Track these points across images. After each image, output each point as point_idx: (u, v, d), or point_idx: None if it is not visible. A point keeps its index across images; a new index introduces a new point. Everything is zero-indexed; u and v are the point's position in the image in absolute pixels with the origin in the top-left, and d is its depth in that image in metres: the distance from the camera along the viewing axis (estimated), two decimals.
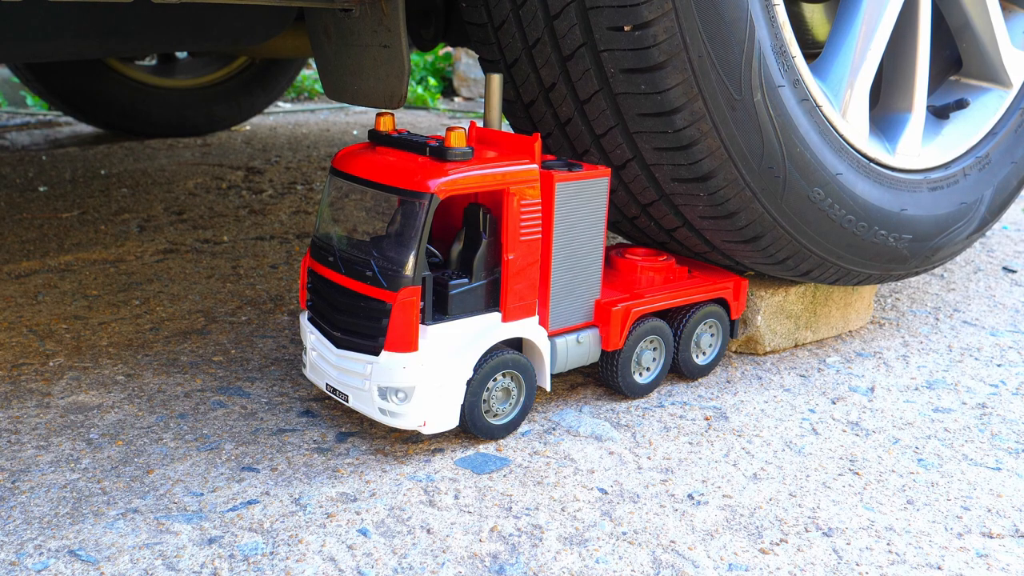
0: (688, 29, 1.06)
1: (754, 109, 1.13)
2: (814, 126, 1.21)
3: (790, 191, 1.20)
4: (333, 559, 0.86)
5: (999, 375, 1.34)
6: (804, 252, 1.27)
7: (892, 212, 1.32)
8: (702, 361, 1.27)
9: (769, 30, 1.13)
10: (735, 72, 1.11)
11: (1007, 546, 0.91)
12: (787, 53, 1.17)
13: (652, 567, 0.86)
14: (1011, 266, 1.91)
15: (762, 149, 1.16)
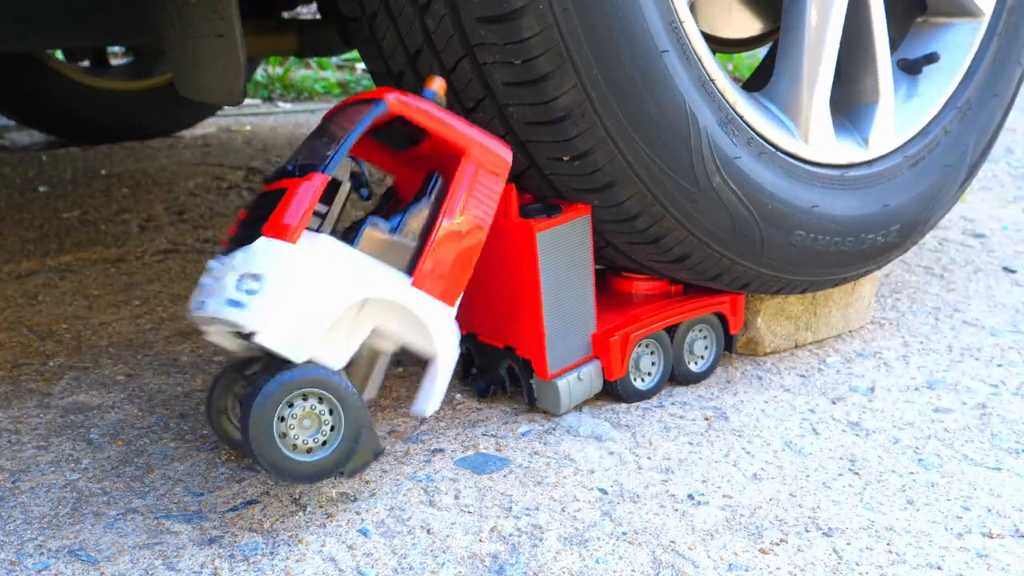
0: (631, 150, 1.04)
1: (716, 193, 1.11)
2: (780, 172, 1.19)
3: (770, 246, 1.19)
4: (333, 559, 0.86)
5: (999, 375, 1.34)
6: (795, 283, 1.27)
7: (875, 213, 1.30)
8: (697, 368, 1.27)
9: (711, 107, 1.10)
10: (687, 171, 1.08)
11: (1007, 546, 0.91)
12: (735, 120, 1.13)
13: (652, 567, 0.86)
14: (1011, 266, 1.91)
15: (733, 224, 1.14)
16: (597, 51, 0.99)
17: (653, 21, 1.02)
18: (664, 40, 1.03)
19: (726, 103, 1.12)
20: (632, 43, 1.01)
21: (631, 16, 1.00)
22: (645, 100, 1.03)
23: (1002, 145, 3.76)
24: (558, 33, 0.97)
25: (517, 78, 1.00)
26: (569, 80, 0.99)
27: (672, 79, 1.05)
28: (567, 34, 0.97)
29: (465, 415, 1.16)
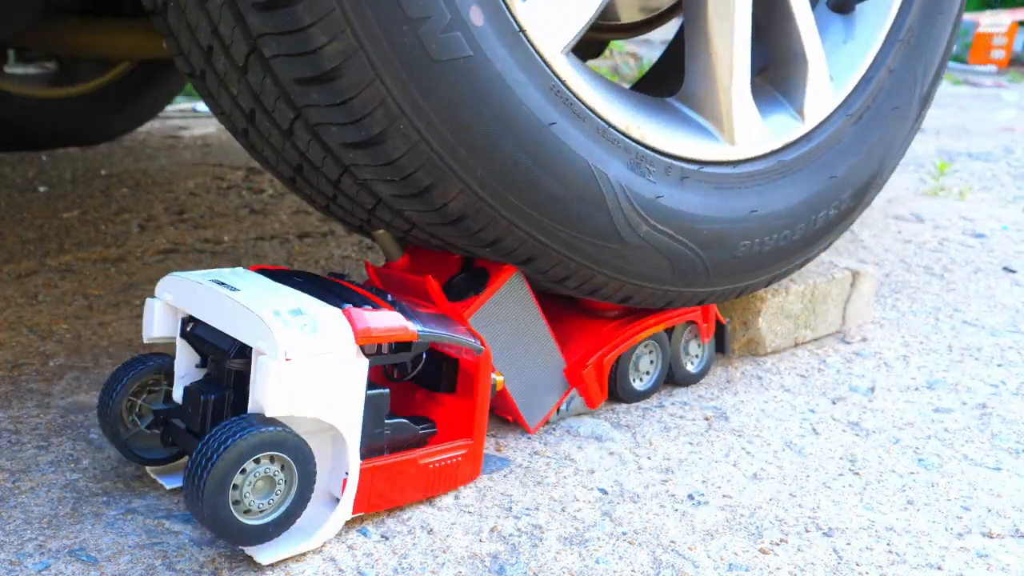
0: (543, 231, 0.99)
1: (645, 241, 1.06)
2: (710, 190, 1.11)
3: (717, 268, 1.15)
4: (333, 559, 0.86)
5: (999, 375, 1.34)
6: (755, 284, 1.24)
7: (822, 189, 1.22)
8: (693, 369, 1.26)
9: (617, 155, 1.02)
10: (610, 232, 1.03)
11: (1007, 546, 0.91)
12: (647, 156, 1.05)
13: (652, 567, 0.86)
14: (1011, 266, 1.91)
15: (671, 264, 1.10)
16: (476, 151, 0.91)
17: (531, 97, 0.93)
18: (549, 111, 0.95)
19: (633, 142, 1.04)
20: (514, 130, 0.92)
21: (506, 103, 0.91)
22: (544, 181, 0.96)
23: (1002, 145, 3.76)
24: (428, 148, 0.89)
25: (402, 192, 0.94)
26: (453, 187, 0.92)
27: (567, 147, 0.97)
28: (437, 145, 0.89)
29: None
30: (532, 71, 0.94)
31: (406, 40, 0.84)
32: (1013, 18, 9.28)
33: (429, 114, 0.88)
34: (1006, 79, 7.97)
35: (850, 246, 2.01)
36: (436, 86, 0.87)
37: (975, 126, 4.45)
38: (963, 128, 4.34)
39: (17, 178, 2.49)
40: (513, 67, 0.92)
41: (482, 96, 0.90)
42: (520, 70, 0.92)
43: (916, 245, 2.05)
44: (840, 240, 2.06)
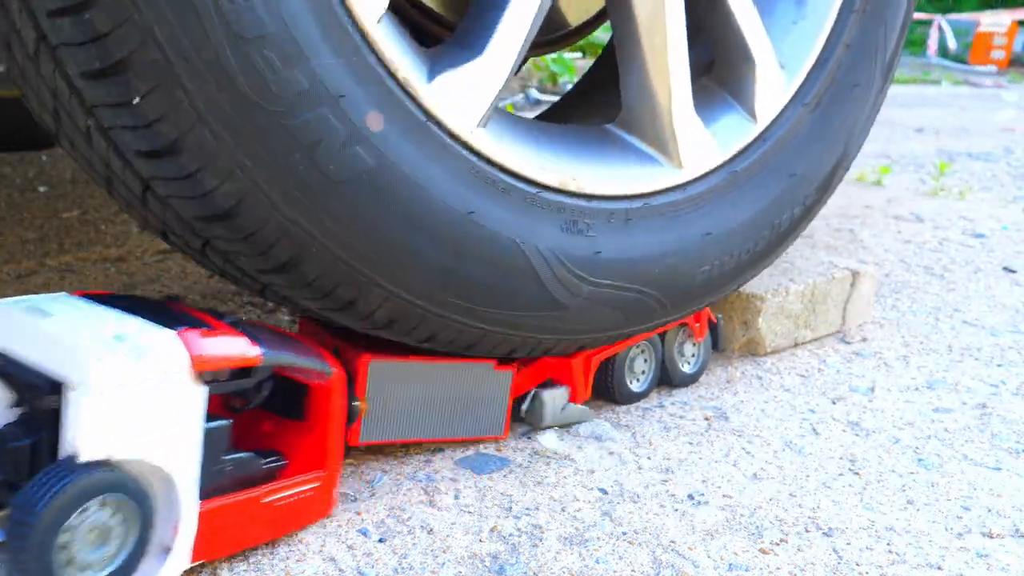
0: (478, 317, 0.95)
1: (589, 300, 1.01)
2: (661, 224, 1.05)
3: (676, 300, 1.10)
4: (333, 559, 0.86)
5: (999, 375, 1.34)
6: (720, 295, 1.18)
7: (783, 191, 1.14)
8: (689, 370, 1.26)
9: (549, 220, 0.96)
10: (549, 302, 0.98)
11: (1007, 546, 0.91)
12: (584, 209, 0.99)
13: (652, 567, 0.86)
14: (1011, 266, 1.91)
15: (624, 313, 1.05)
16: (394, 260, 0.87)
17: (447, 191, 0.88)
18: (468, 199, 0.89)
19: (569, 198, 0.98)
20: (431, 231, 0.88)
21: (418, 205, 0.86)
22: (471, 270, 0.92)
23: (1002, 145, 3.76)
24: (345, 265, 0.86)
25: (329, 306, 0.90)
26: (377, 296, 0.89)
27: (490, 231, 0.91)
28: (355, 261, 0.85)
29: None
30: (446, 160, 0.88)
31: (302, 168, 0.79)
32: (1013, 18, 9.27)
33: (340, 234, 0.83)
34: (1006, 79, 7.97)
35: (850, 246, 2.01)
36: (342, 206, 0.82)
37: (975, 126, 4.44)
38: (963, 128, 4.34)
39: (17, 178, 2.49)
40: (423, 163, 0.86)
41: (392, 205, 0.85)
42: (432, 163, 0.87)
43: (916, 245, 2.05)
44: (840, 240, 2.06)
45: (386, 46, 0.83)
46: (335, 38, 0.79)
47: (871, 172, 2.91)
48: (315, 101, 0.78)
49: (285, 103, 0.77)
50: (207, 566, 0.84)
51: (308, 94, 0.78)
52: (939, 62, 9.41)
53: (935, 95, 6.16)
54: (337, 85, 0.79)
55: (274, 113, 0.77)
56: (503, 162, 0.93)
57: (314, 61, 0.77)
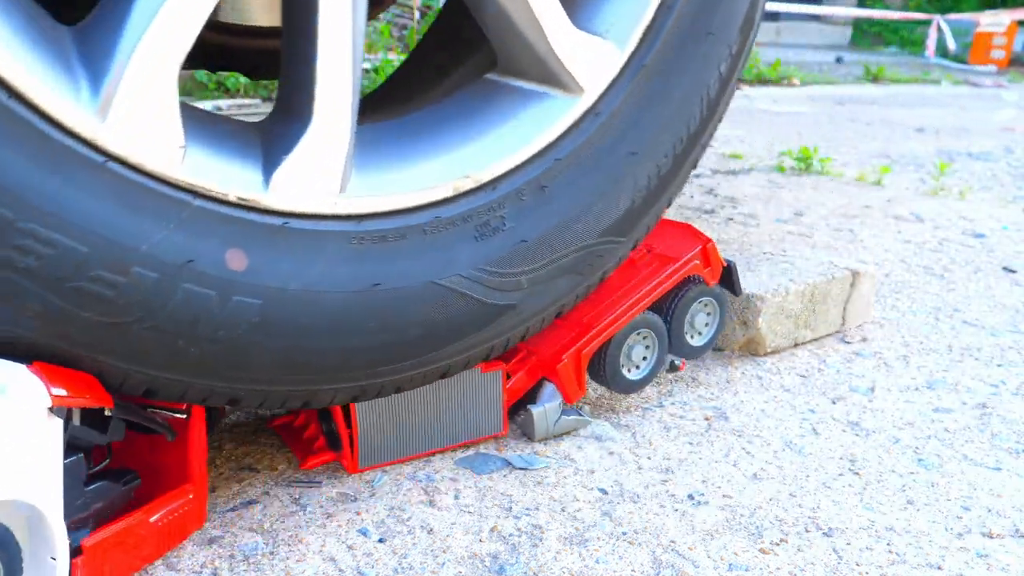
0: (443, 356, 0.93)
1: (534, 285, 0.96)
2: (585, 169, 0.96)
3: (625, 247, 1.04)
4: (333, 559, 0.86)
5: (999, 375, 1.34)
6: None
7: (700, 69, 1.02)
8: (694, 342, 1.21)
9: (469, 233, 0.91)
10: (491, 311, 0.93)
11: (1007, 546, 0.91)
12: (492, 218, 0.93)
13: (652, 567, 0.86)
14: (1011, 266, 1.91)
15: (570, 286, 1.00)
16: (313, 371, 0.86)
17: (340, 280, 0.84)
18: (359, 276, 0.85)
19: (471, 205, 0.92)
20: (349, 326, 0.85)
21: (326, 312, 0.84)
22: (409, 333, 0.89)
23: (1002, 145, 3.76)
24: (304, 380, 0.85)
25: None
26: (338, 394, 0.90)
27: (404, 291, 0.87)
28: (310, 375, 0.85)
29: None
30: (325, 251, 0.84)
31: (203, 343, 0.78)
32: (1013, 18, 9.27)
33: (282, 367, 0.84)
34: (1006, 79, 7.97)
35: (850, 246, 2.01)
36: (262, 359, 0.83)
37: (975, 126, 4.44)
38: (963, 128, 4.34)
39: None
40: (302, 268, 0.82)
41: (293, 330, 0.83)
42: (312, 263, 0.83)
43: (916, 245, 2.05)
44: (840, 240, 2.06)
45: (203, 180, 0.76)
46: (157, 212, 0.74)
47: (871, 172, 2.91)
48: (175, 280, 0.75)
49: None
50: (207, 566, 0.84)
51: (157, 282, 0.74)
52: (939, 62, 9.41)
53: (935, 95, 6.16)
54: (181, 252, 0.75)
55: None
56: (386, 208, 0.87)
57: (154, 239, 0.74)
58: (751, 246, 1.99)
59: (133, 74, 0.71)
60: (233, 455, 1.04)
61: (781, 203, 2.44)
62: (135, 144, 0.72)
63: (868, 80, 7.04)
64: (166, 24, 0.71)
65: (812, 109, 4.91)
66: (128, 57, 0.71)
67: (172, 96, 0.73)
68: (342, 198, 0.84)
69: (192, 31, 0.73)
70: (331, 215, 0.84)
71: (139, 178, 0.73)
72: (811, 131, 4.00)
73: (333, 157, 0.83)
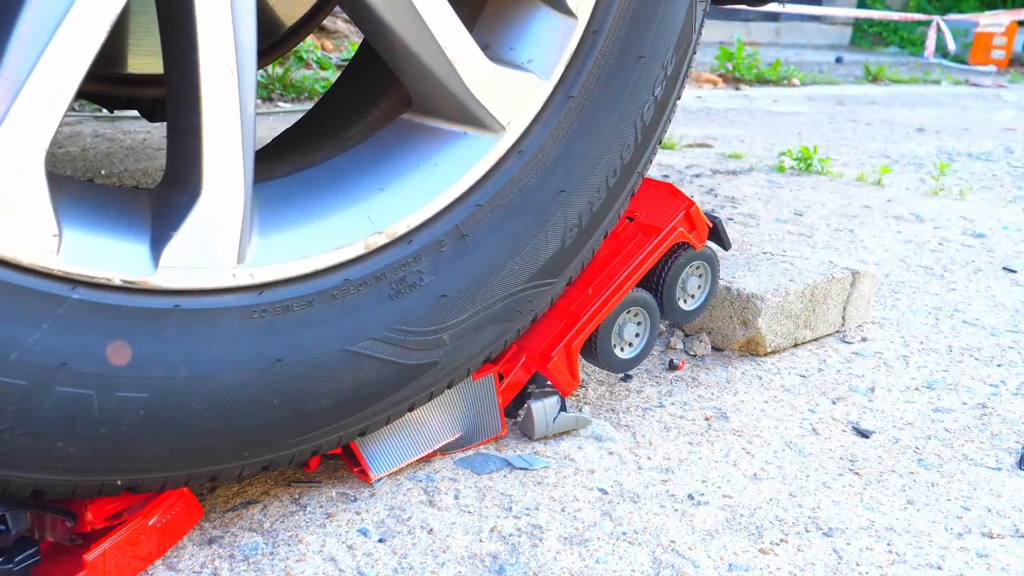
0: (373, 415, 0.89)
1: (458, 339, 0.91)
2: (509, 212, 0.91)
3: (560, 286, 1.01)
4: (333, 559, 0.86)
5: (999, 375, 1.34)
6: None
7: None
8: (687, 307, 1.19)
9: (383, 292, 0.86)
10: (411, 371, 0.89)
11: (1007, 546, 0.91)
12: (411, 263, 0.87)
13: (652, 567, 0.86)
14: (1011, 266, 1.91)
15: (498, 333, 0.96)
16: (252, 443, 0.82)
17: (241, 359, 0.79)
18: (263, 351, 0.80)
19: (379, 263, 0.86)
20: (254, 405, 0.80)
21: (225, 396, 0.79)
22: (320, 403, 0.85)
23: (1002, 145, 3.76)
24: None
25: None
26: (271, 461, 0.86)
27: (310, 361, 0.82)
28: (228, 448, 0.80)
29: None
30: (226, 329, 0.78)
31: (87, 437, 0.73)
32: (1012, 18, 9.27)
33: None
34: (1006, 79, 7.97)
35: (850, 246, 2.01)
36: (159, 444, 0.78)
37: (975, 126, 4.45)
38: (963, 128, 4.34)
39: None
40: (205, 349, 0.77)
41: (200, 414, 0.78)
42: (211, 343, 0.77)
43: (916, 245, 2.05)
44: (840, 240, 2.06)
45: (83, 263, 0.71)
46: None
47: (871, 172, 2.91)
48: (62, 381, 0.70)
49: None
50: (207, 566, 0.84)
51: (27, 390, 0.69)
52: (939, 62, 9.41)
53: (935, 95, 6.16)
54: (55, 355, 0.69)
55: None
56: (290, 274, 0.81)
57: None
58: (751, 246, 1.99)
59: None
60: None
61: (781, 203, 2.44)
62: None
63: (868, 80, 7.04)
64: (24, 111, 0.65)
65: (812, 109, 4.91)
66: None
67: (38, 182, 0.66)
68: (241, 269, 0.77)
69: (56, 115, 0.67)
70: (228, 288, 0.77)
71: (6, 276, 0.66)
72: (811, 131, 4.00)
73: (228, 227, 0.76)
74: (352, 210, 0.85)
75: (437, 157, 0.89)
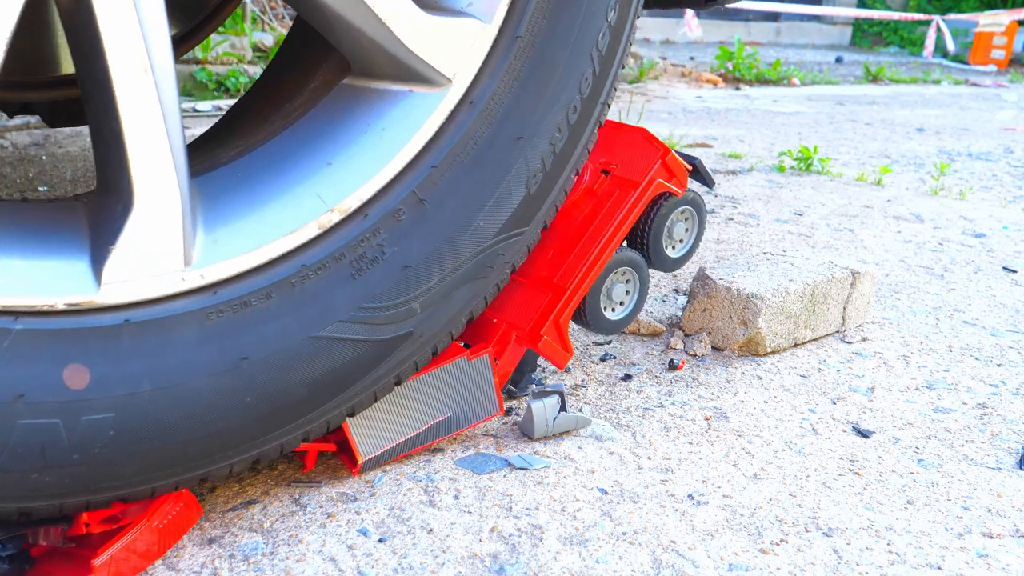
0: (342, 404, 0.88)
1: (431, 307, 0.89)
2: (467, 169, 0.87)
3: (532, 237, 0.97)
4: (333, 559, 0.86)
5: (999, 375, 1.34)
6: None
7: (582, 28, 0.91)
8: (676, 253, 1.18)
9: (344, 271, 0.83)
10: (381, 352, 0.86)
11: (1007, 546, 0.91)
12: (368, 248, 0.84)
13: (652, 567, 0.86)
14: (1011, 266, 1.91)
15: (475, 292, 0.93)
16: (226, 445, 0.81)
17: (202, 364, 0.77)
18: (229, 355, 0.78)
19: (338, 241, 0.84)
20: (224, 407, 0.79)
21: (200, 400, 0.78)
22: (297, 392, 0.84)
23: (1002, 145, 3.76)
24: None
25: None
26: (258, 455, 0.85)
27: (275, 358, 0.81)
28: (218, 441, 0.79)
29: None
30: (170, 334, 0.76)
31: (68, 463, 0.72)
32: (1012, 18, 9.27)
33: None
34: (1006, 79, 7.97)
35: (850, 246, 2.01)
36: (138, 460, 0.77)
37: (975, 126, 4.45)
38: (963, 128, 4.34)
39: (17, 178, 2.49)
40: (159, 360, 0.74)
41: (176, 421, 0.77)
42: (161, 355, 0.75)
43: (916, 245, 2.05)
44: (840, 240, 2.06)
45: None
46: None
47: (871, 172, 2.91)
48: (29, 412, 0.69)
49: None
50: (207, 566, 0.84)
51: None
52: (939, 62, 9.41)
53: (935, 95, 6.16)
54: (9, 388, 0.68)
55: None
56: (243, 268, 0.78)
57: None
58: (751, 246, 1.99)
59: None
60: None
61: (781, 203, 2.44)
62: None
63: (868, 80, 7.04)
64: None
65: (812, 109, 4.91)
66: None
67: None
68: (189, 271, 0.75)
69: None
70: (179, 293, 0.75)
71: None
72: (811, 131, 4.00)
73: (168, 232, 0.73)
74: (300, 191, 0.81)
75: (383, 121, 0.84)
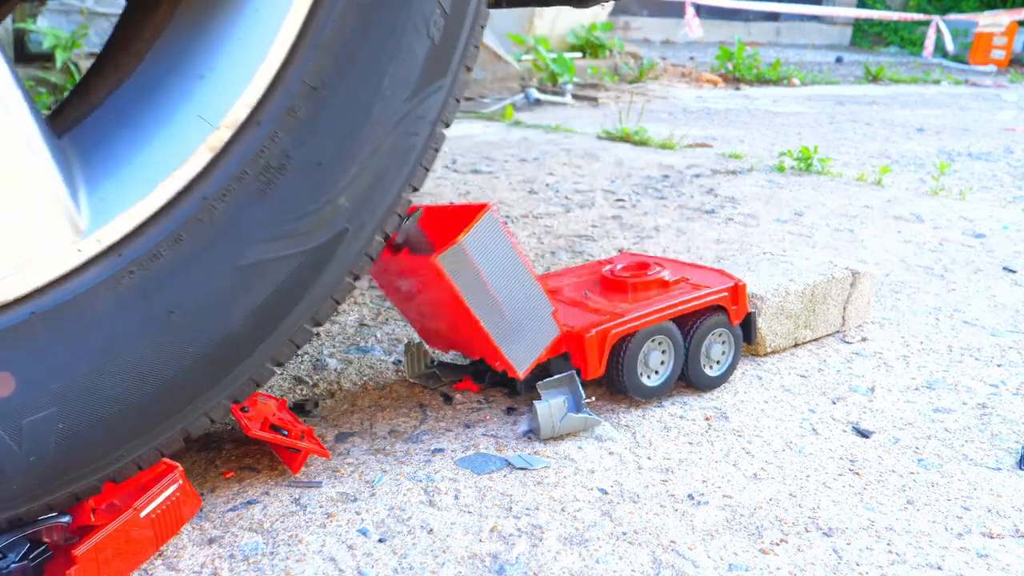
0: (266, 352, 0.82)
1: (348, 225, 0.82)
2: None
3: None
4: (333, 559, 0.86)
5: (999, 375, 1.34)
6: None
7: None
8: (713, 372, 1.24)
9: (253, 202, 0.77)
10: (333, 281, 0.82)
11: (1007, 546, 0.91)
12: (278, 184, 0.78)
13: (652, 567, 0.86)
14: (1011, 266, 1.91)
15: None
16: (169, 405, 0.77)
17: (131, 333, 0.73)
18: (156, 318, 0.74)
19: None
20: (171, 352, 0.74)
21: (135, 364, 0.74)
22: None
23: (1002, 145, 3.76)
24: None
25: None
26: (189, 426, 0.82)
27: (198, 288, 0.75)
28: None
29: (465, 415, 1.16)
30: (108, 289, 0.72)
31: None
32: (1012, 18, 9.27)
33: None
34: (1006, 79, 7.96)
35: (850, 246, 2.01)
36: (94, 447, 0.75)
37: (975, 126, 4.44)
38: (963, 128, 4.34)
39: None
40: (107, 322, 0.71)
41: (128, 375, 0.73)
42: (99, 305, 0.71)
43: (916, 245, 2.05)
44: (840, 240, 2.06)
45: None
46: None
47: (871, 172, 2.91)
48: None
49: None
50: (207, 566, 0.84)
51: None
52: (939, 62, 9.41)
53: (935, 95, 6.16)
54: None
55: None
56: (142, 218, 0.72)
57: None
58: (751, 246, 1.99)
59: None
60: (233, 455, 1.04)
61: (781, 203, 2.44)
62: None
63: (868, 80, 7.04)
64: None
65: (812, 109, 4.91)
66: None
67: None
68: (84, 240, 0.68)
69: None
70: (81, 266, 0.69)
71: None
72: (811, 131, 4.00)
73: (43, 206, 0.66)
74: (178, 117, 0.72)
75: (249, 6, 0.74)
